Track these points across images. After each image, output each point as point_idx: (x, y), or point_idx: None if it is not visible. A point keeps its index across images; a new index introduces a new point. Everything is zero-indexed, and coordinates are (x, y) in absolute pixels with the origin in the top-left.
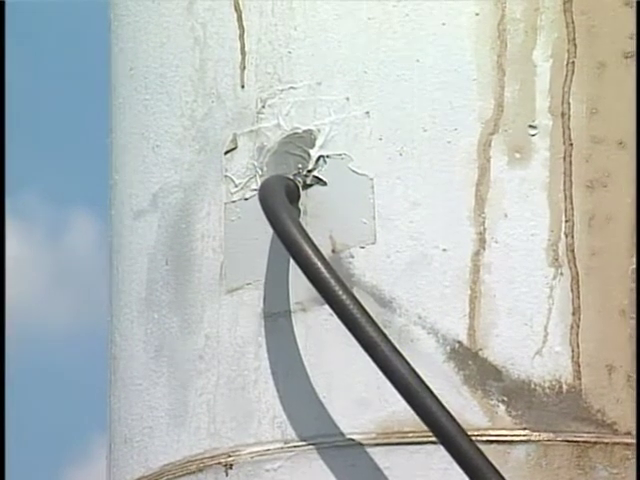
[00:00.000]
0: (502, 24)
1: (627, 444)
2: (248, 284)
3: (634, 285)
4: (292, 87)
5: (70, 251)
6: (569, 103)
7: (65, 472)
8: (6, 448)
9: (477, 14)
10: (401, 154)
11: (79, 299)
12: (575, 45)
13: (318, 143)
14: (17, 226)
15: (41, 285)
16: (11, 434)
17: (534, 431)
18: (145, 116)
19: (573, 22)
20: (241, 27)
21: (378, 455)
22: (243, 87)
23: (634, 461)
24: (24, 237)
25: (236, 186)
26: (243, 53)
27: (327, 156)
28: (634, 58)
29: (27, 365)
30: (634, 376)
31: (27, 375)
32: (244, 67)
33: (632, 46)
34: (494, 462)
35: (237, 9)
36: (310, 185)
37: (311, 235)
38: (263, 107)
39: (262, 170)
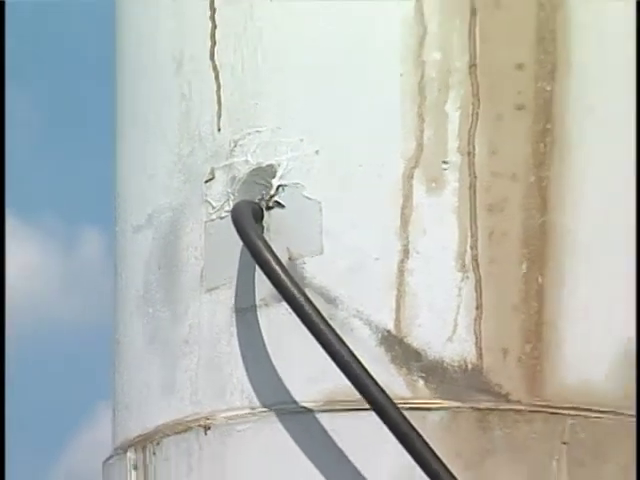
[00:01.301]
0: (421, 83)
1: (517, 410)
2: (223, 285)
3: (524, 287)
4: (258, 131)
5: (83, 259)
6: (474, 145)
7: (79, 432)
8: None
9: (402, 75)
10: (343, 184)
11: (90, 296)
12: (479, 99)
13: (278, 175)
14: (41, 239)
15: (59, 285)
16: (39, 401)
17: (446, 400)
18: (144, 153)
19: (477, 81)
20: (218, 84)
21: (324, 419)
22: (219, 131)
23: (523, 423)
24: (47, 248)
25: (214, 208)
26: (219, 104)
27: (285, 185)
28: (524, 110)
29: (47, 348)
30: (524, 357)
31: (47, 357)
32: (220, 115)
33: (522, 100)
34: (415, 425)
35: (215, 69)
36: (271, 207)
37: (272, 247)
38: (235, 146)
39: (234, 196)
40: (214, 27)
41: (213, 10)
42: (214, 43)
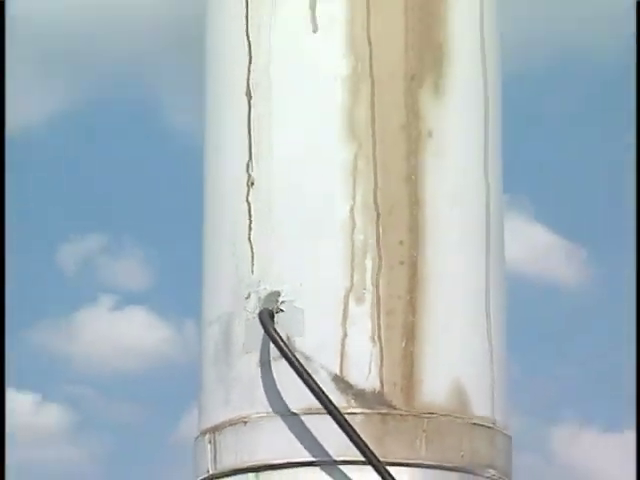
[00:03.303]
0: (353, 250)
1: (400, 414)
2: (253, 350)
3: (403, 352)
4: (270, 275)
5: (187, 335)
6: (378, 282)
7: (184, 419)
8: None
9: (343, 246)
10: (313, 300)
11: (189, 354)
12: (381, 258)
13: (281, 296)
14: (170, 325)
15: (177, 348)
16: (166, 403)
17: (365, 409)
18: (217, 284)
19: (380, 250)
20: (252, 253)
21: (304, 418)
22: (253, 273)
23: (403, 421)
24: (170, 328)
25: (250, 313)
26: (252, 261)
27: (284, 301)
28: (404, 264)
29: (172, 377)
30: (404, 387)
31: (172, 381)
32: (253, 265)
33: (402, 259)
34: (350, 421)
35: (250, 245)
36: (278, 312)
37: (278, 331)
38: (260, 282)
39: (259, 307)
40: (250, 223)
41: (250, 215)
42: (250, 230)
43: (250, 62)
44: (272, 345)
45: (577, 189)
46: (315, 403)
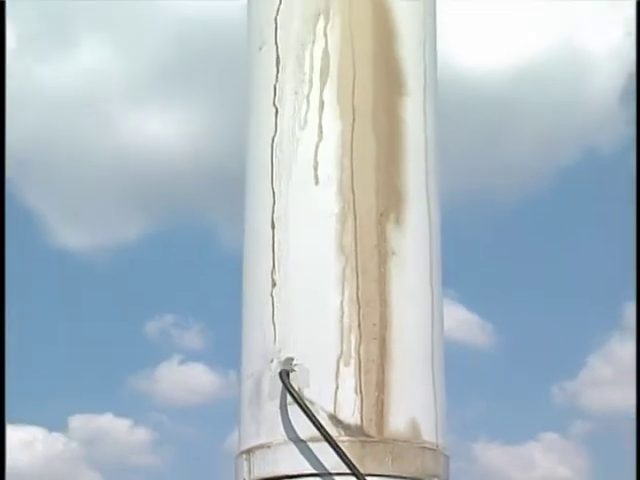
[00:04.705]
0: (342, 330)
1: (375, 441)
2: (275, 397)
3: (376, 397)
4: (286, 347)
5: (230, 381)
6: (359, 351)
7: (228, 440)
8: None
9: (334, 326)
10: (315, 361)
11: (231, 397)
12: (361, 335)
13: (294, 360)
14: (218, 373)
15: (224, 388)
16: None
17: (351, 437)
18: (251, 354)
19: (360, 328)
20: (274, 331)
21: (309, 444)
22: (275, 344)
23: (376, 445)
24: (220, 376)
25: (273, 372)
26: (275, 338)
27: (296, 364)
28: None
29: (221, 413)
30: (377, 422)
31: (220, 416)
32: (275, 336)
33: (377, 335)
34: (341, 446)
35: (274, 326)
36: (292, 371)
37: (292, 385)
38: (280, 350)
39: (279, 367)
40: (273, 310)
41: (273, 305)
42: (273, 315)
43: (274, 204)
44: (288, 394)
45: (487, 286)
46: (317, 434)
